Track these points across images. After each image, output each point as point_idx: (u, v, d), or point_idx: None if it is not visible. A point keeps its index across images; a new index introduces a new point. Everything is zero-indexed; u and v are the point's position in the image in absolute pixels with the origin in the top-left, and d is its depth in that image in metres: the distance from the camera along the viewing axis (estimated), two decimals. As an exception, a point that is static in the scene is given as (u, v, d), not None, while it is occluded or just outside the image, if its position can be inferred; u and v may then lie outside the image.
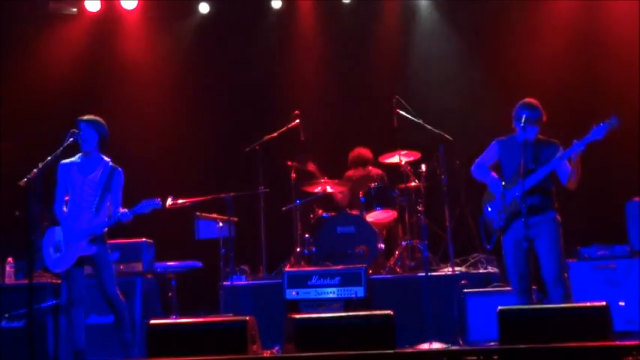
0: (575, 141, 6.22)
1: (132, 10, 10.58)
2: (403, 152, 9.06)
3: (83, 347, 6.70)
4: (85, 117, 6.80)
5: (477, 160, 6.76)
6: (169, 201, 8.52)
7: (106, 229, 6.77)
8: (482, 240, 6.74)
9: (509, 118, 6.56)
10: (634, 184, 8.38)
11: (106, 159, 6.85)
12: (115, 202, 6.77)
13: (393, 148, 9.09)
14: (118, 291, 6.77)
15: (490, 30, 10.23)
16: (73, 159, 6.84)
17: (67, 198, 6.85)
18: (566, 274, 6.55)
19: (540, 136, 6.55)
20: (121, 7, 10.54)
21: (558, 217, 6.47)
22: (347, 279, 7.65)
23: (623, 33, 9.56)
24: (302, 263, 8.67)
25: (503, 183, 6.53)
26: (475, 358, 5.02)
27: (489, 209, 6.61)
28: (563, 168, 6.37)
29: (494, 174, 6.62)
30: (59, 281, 7.46)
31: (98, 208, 6.70)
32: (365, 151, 9.58)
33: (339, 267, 7.85)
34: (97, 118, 6.83)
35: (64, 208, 6.80)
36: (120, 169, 6.84)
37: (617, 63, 9.58)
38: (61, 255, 6.69)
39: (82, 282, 6.72)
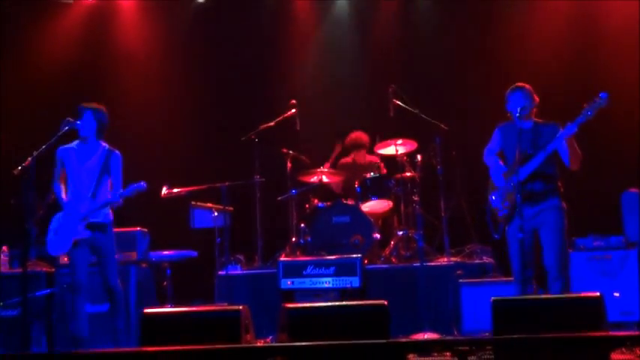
0: (568, 123, 6.20)
1: (128, -2, 10.58)
2: (399, 142, 9.04)
3: (86, 335, 6.70)
4: (86, 104, 6.86)
5: (486, 147, 6.75)
6: (164, 190, 8.52)
7: (111, 217, 6.84)
8: (490, 230, 6.70)
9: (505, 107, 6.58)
10: (630, 175, 8.37)
11: (103, 144, 6.91)
12: (115, 186, 6.84)
13: (389, 138, 9.07)
14: (119, 281, 6.81)
15: (488, 18, 10.19)
16: (71, 145, 6.92)
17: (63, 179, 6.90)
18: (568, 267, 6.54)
19: (538, 120, 6.54)
20: (118, -5, 10.53)
21: (563, 204, 6.43)
22: (342, 269, 7.65)
23: (622, 18, 9.52)
24: (297, 253, 8.65)
25: (505, 171, 6.53)
26: (468, 348, 5.01)
27: (494, 198, 6.60)
28: (563, 148, 6.31)
29: (499, 162, 6.60)
30: (53, 270, 7.48)
31: (95, 194, 6.76)
32: (362, 135, 9.51)
33: (335, 257, 7.84)
34: (98, 105, 6.89)
35: (64, 195, 6.84)
36: (117, 151, 6.91)
37: (617, 50, 9.55)
38: (58, 238, 6.75)
39: (84, 269, 6.76)
